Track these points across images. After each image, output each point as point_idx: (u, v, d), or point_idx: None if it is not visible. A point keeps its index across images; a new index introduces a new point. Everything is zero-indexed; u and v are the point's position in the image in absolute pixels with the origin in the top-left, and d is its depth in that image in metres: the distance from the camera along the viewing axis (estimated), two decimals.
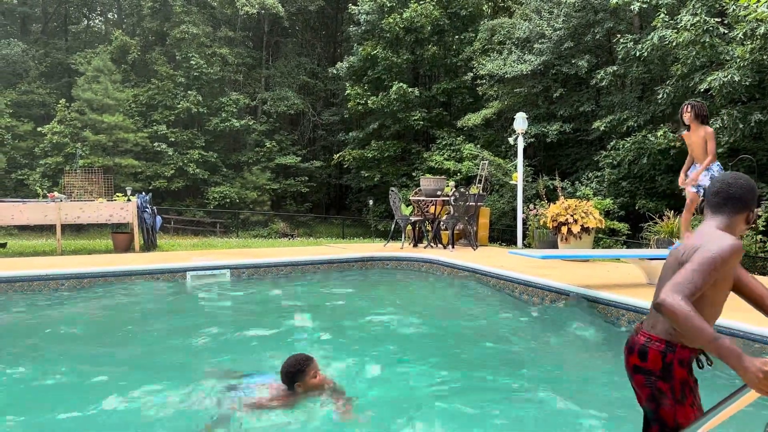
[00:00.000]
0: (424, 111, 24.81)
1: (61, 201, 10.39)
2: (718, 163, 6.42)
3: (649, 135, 15.31)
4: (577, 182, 17.50)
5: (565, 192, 14.54)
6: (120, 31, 31.29)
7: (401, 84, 23.80)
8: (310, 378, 3.32)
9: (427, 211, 10.35)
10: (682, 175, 6.80)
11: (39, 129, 27.12)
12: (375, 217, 25.82)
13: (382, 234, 20.99)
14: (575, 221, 8.42)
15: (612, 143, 16.98)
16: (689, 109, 6.37)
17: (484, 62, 20.59)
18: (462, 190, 9.85)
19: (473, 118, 21.37)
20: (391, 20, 23.86)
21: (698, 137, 6.35)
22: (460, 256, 8.57)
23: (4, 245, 10.94)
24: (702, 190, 6.38)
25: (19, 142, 27.57)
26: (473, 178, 17.07)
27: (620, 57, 16.29)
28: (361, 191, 28.84)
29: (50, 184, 24.77)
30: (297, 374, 3.31)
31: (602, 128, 17.12)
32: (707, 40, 12.71)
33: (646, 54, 14.68)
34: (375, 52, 24.67)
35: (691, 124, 6.41)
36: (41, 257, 9.30)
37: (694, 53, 13.18)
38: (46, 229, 16.95)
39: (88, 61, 28.28)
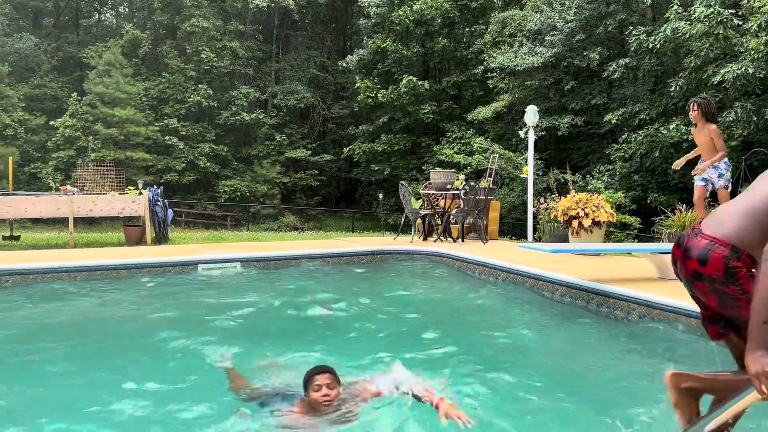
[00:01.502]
0: (434, 104, 24.73)
1: (74, 194, 10.47)
2: (726, 158, 6.38)
3: (662, 128, 15.17)
4: (588, 176, 17.39)
5: (576, 185, 14.44)
6: (131, 24, 31.42)
7: (411, 77, 23.73)
8: (311, 391, 2.95)
9: (437, 205, 10.33)
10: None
11: (51, 123, 27.38)
12: (385, 211, 25.82)
13: (391, 227, 20.99)
14: (586, 215, 8.38)
15: (624, 136, 16.85)
16: (695, 107, 6.33)
17: (494, 55, 20.46)
18: (472, 183, 9.81)
19: (483, 112, 21.29)
20: (401, 13, 23.77)
21: (704, 135, 6.32)
22: (470, 249, 8.55)
23: (17, 238, 11.05)
24: (710, 184, 6.36)
25: (31, 136, 27.84)
26: (483, 171, 16.99)
27: (632, 49, 16.13)
28: (371, 185, 28.86)
29: (63, 177, 24.98)
30: (304, 387, 3.03)
31: (614, 121, 16.99)
32: (721, 31, 12.56)
33: (658, 46, 14.53)
34: (385, 45, 24.61)
35: (698, 122, 6.36)
36: (54, 250, 9.38)
37: (707, 45, 13.03)
38: (59, 222, 17.08)
39: (100, 54, 28.44)
